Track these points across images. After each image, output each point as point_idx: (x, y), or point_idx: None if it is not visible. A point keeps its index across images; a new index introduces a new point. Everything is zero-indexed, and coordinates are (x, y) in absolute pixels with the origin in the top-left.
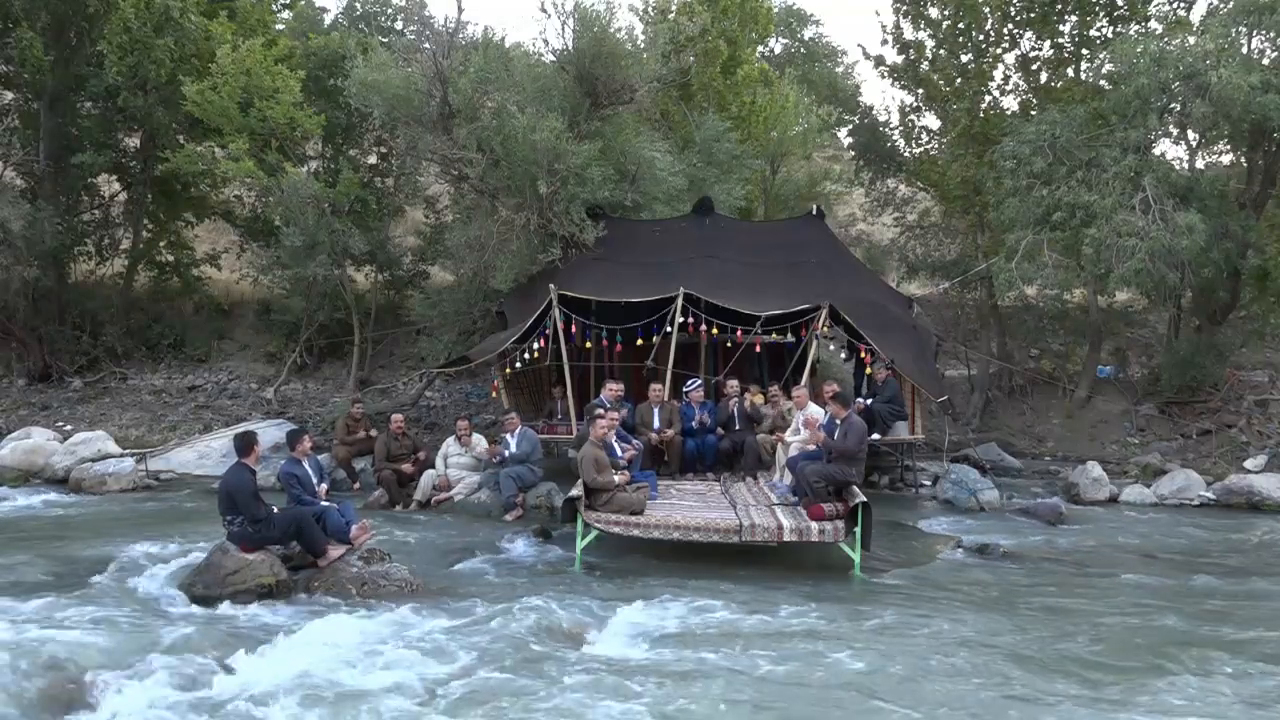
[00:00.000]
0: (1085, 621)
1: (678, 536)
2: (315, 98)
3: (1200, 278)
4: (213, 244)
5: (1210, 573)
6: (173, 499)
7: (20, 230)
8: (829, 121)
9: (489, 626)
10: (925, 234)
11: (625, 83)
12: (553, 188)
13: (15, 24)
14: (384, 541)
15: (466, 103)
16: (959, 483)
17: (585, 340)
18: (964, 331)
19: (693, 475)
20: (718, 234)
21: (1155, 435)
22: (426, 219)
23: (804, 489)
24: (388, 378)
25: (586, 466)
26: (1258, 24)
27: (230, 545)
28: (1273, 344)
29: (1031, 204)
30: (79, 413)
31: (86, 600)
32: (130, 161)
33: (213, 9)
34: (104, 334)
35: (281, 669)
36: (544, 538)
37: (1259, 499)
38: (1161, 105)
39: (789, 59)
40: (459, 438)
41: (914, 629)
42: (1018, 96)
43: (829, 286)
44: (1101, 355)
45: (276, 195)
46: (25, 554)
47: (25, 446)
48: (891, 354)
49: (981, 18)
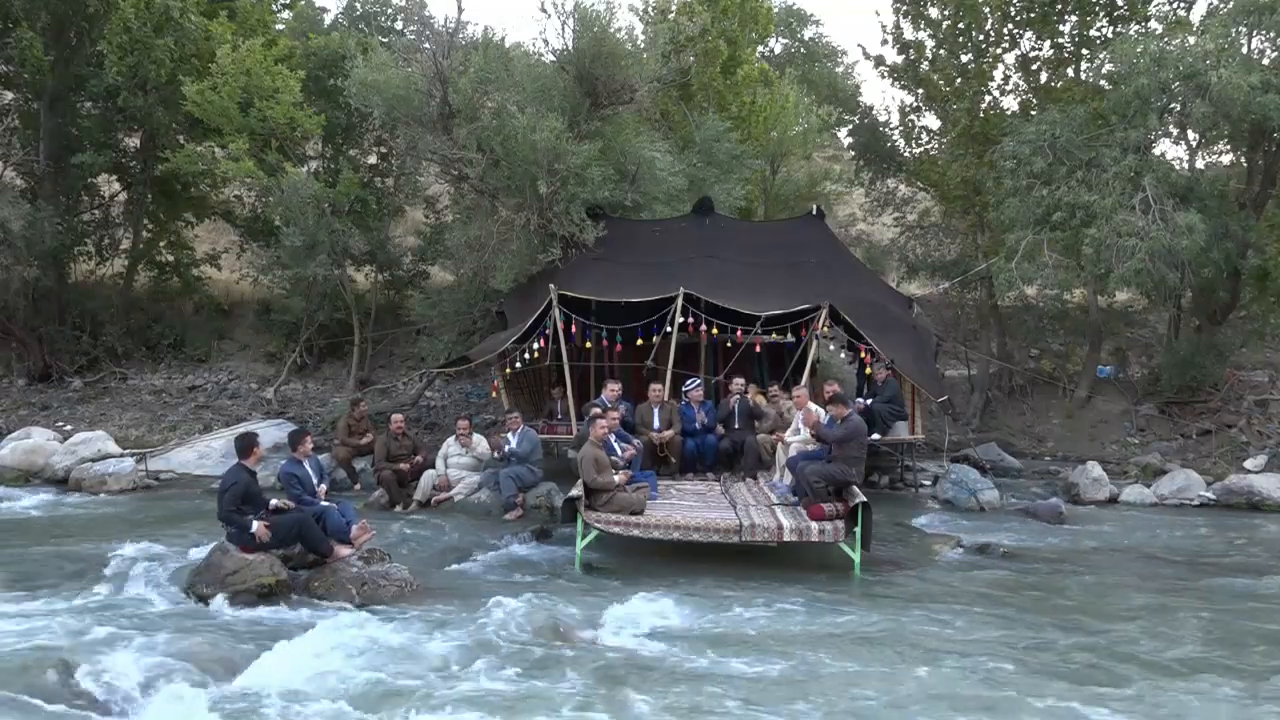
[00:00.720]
0: (1085, 622)
1: (678, 536)
2: (315, 98)
3: (1200, 278)
4: (213, 244)
5: (1211, 573)
6: (173, 499)
7: (20, 230)
8: (829, 121)
9: (489, 626)
10: (925, 234)
11: (625, 83)
12: (553, 188)
13: (15, 24)
14: (384, 541)
15: (466, 103)
16: (959, 483)
17: (585, 340)
18: (964, 331)
19: (693, 475)
20: (718, 234)
21: (1155, 435)
22: (426, 219)
23: (804, 489)
24: (388, 378)
25: (586, 466)
26: (1258, 24)
27: (230, 545)
28: (1273, 344)
29: (1031, 204)
30: (79, 413)
31: (86, 600)
32: (130, 161)
33: (213, 9)
34: (104, 334)
35: (281, 669)
36: (544, 538)
37: (1259, 499)
38: (1161, 105)
39: (789, 59)
40: (459, 438)
41: (914, 629)
42: (1018, 96)
43: (829, 286)
44: (1101, 355)
45: (276, 195)
46: (25, 554)
47: (25, 446)
48: (891, 354)
49: (981, 18)
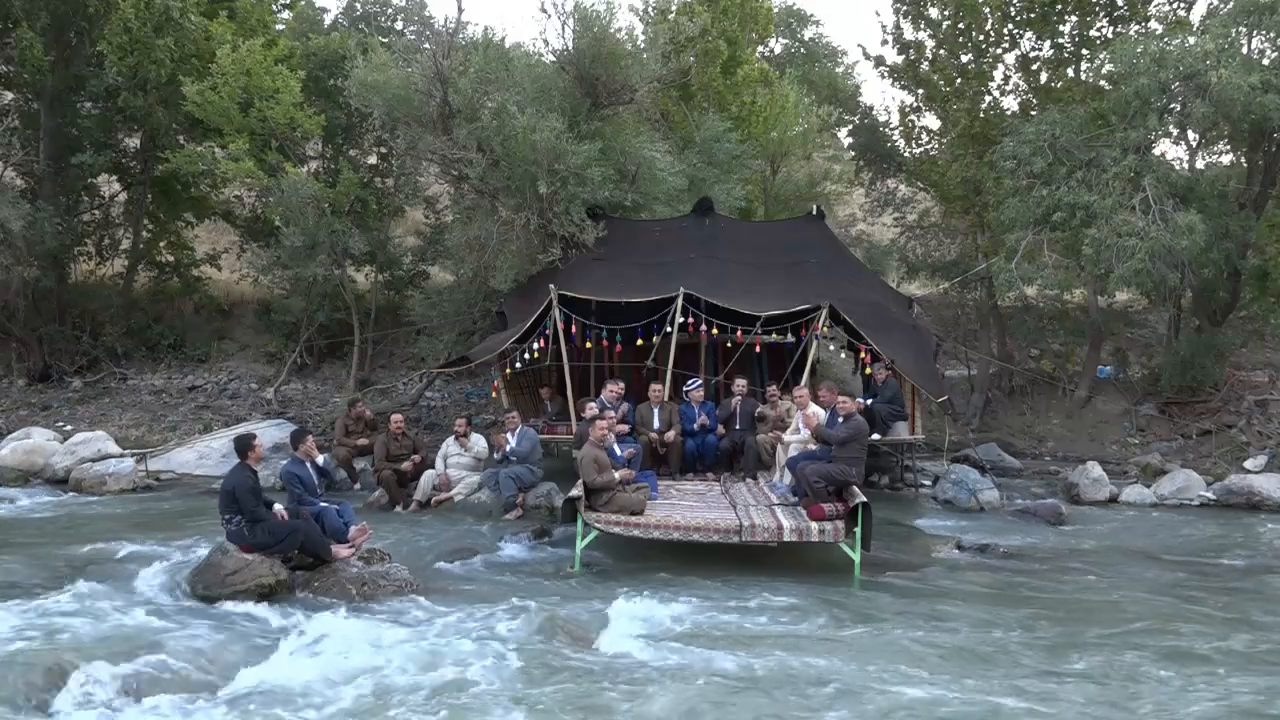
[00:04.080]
0: (1086, 622)
1: (678, 537)
2: (315, 98)
3: (1200, 278)
4: (213, 244)
5: (1211, 573)
6: (173, 499)
7: (20, 230)
8: (829, 121)
9: (488, 627)
10: (925, 234)
11: (625, 83)
12: (553, 188)
13: (15, 24)
14: (384, 541)
15: (466, 103)
16: (959, 483)
17: (585, 340)
18: (964, 331)
19: (693, 475)
20: (718, 234)
21: (1155, 435)
22: (426, 219)
23: (804, 489)
24: (388, 378)
25: (586, 467)
26: (1258, 24)
27: (230, 545)
28: (1273, 344)
29: (1031, 204)
30: (79, 413)
31: (86, 600)
32: (130, 161)
33: (213, 9)
34: (104, 334)
35: (281, 669)
36: (544, 538)
37: (1259, 499)
38: (1161, 105)
39: (789, 59)
40: (457, 438)
41: (914, 629)
42: (1018, 96)
43: (829, 287)
44: (1101, 355)
45: (276, 195)
46: (25, 554)
47: (25, 447)
48: (891, 354)
49: (981, 18)
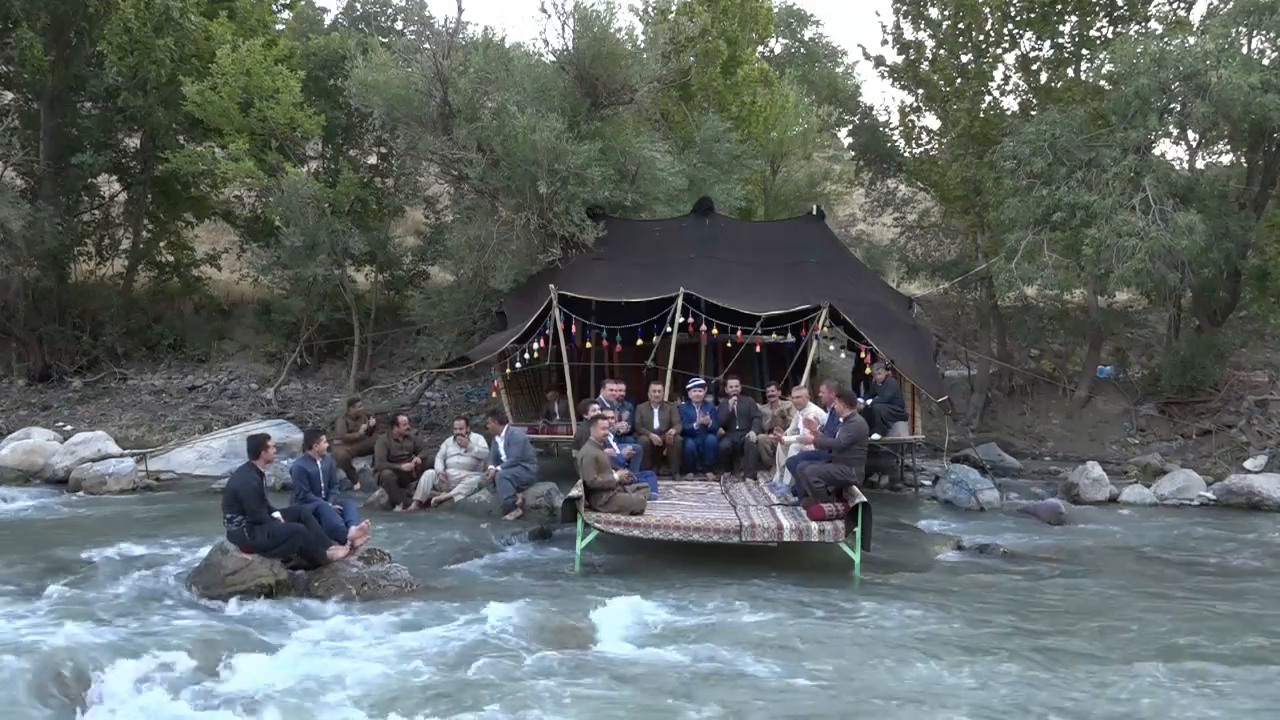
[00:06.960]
0: (1086, 622)
1: (678, 537)
2: (315, 98)
3: (1200, 278)
4: (213, 244)
5: (1210, 572)
6: (173, 499)
7: (20, 230)
8: (829, 121)
9: (489, 627)
10: (925, 234)
11: (625, 83)
12: (553, 188)
13: (15, 24)
14: (384, 541)
15: (466, 103)
16: (959, 483)
17: (585, 340)
18: (964, 331)
19: (693, 475)
20: (718, 234)
21: (1155, 435)
22: (426, 219)
23: (804, 489)
24: (388, 378)
25: (586, 467)
26: (1258, 24)
27: (230, 545)
28: (1273, 344)
29: (1031, 204)
30: (79, 413)
31: (86, 600)
32: (130, 161)
33: (213, 9)
34: (104, 334)
35: (281, 669)
36: (544, 538)
37: (1259, 499)
38: (1161, 105)
39: (789, 59)
40: (456, 438)
41: (914, 629)
42: (1018, 96)
43: (829, 287)
44: (1101, 355)
45: (276, 195)
46: (25, 554)
47: (25, 447)
48: (891, 354)
49: (981, 18)
